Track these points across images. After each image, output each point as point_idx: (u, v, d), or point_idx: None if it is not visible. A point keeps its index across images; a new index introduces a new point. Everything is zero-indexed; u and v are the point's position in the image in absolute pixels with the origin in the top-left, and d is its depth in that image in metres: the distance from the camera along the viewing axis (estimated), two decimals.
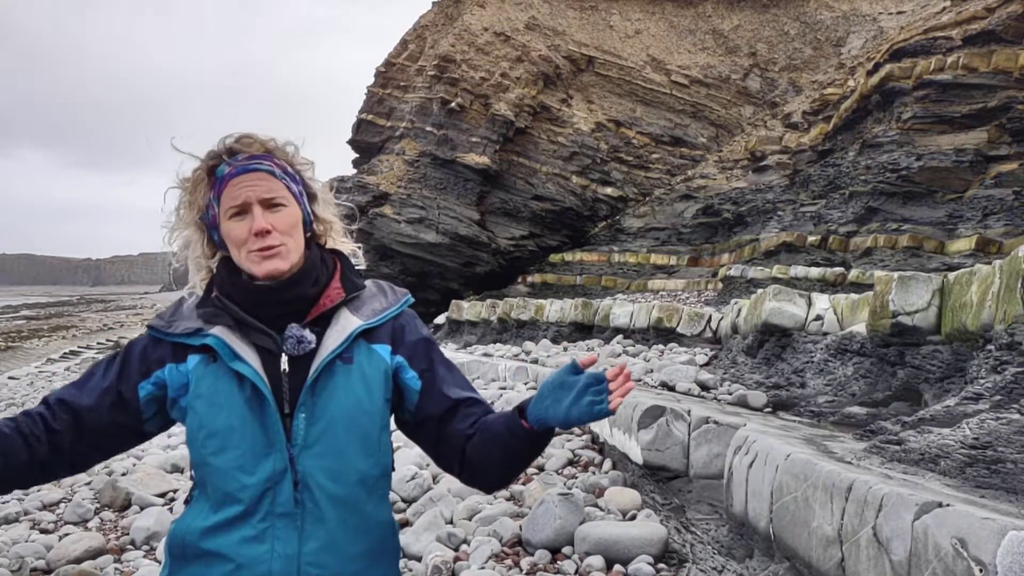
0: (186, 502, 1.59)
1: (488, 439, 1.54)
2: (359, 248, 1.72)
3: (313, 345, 1.50)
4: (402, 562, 4.32)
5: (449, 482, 5.77)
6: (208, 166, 1.54)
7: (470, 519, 5.08)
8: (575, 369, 1.48)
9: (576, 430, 7.40)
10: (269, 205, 1.51)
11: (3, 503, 6.16)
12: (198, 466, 1.51)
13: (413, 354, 1.60)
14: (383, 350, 1.57)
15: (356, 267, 1.67)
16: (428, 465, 6.34)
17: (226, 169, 1.52)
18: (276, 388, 1.48)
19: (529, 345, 15.09)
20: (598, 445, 6.86)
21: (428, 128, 31.28)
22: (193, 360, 1.51)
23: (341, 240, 1.68)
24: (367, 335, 1.56)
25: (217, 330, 1.50)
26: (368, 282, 1.65)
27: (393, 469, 1.63)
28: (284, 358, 1.49)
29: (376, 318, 1.57)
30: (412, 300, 1.68)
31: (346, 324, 1.54)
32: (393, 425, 1.64)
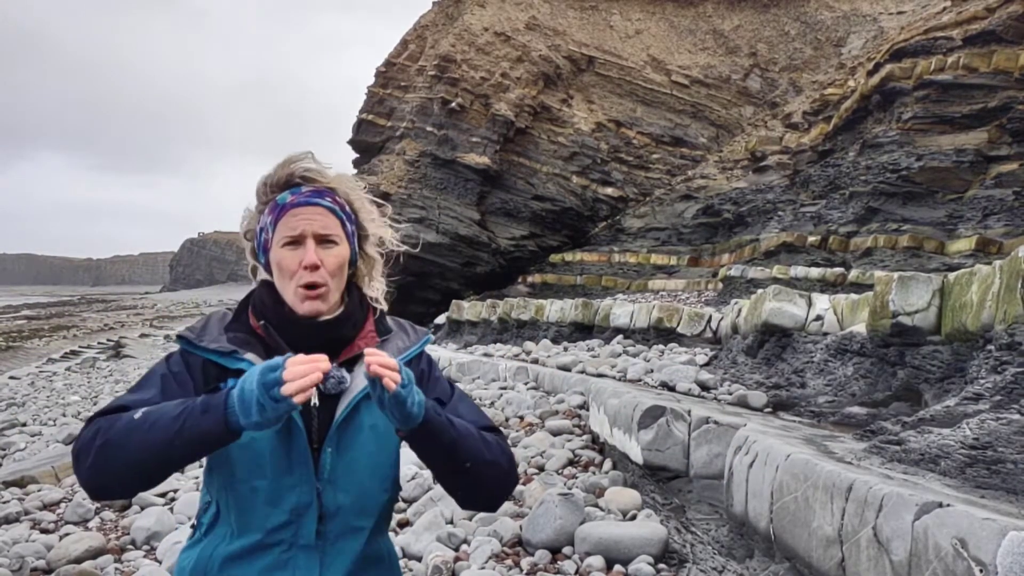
0: (193, 527, 1.60)
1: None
2: (387, 290, 1.74)
3: (348, 384, 1.53)
4: (402, 562, 4.32)
5: None
6: (271, 190, 1.57)
7: (470, 519, 5.08)
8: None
9: (576, 429, 7.40)
10: (322, 241, 1.54)
11: (3, 503, 6.16)
12: (222, 490, 1.52)
13: (442, 392, 1.65)
14: None
15: (378, 308, 1.69)
16: None
17: (288, 198, 1.55)
18: (306, 422, 1.50)
19: (529, 345, 15.09)
20: (598, 445, 6.86)
21: (428, 128, 31.29)
22: (231, 383, 1.48)
23: (378, 278, 1.70)
24: None
25: (250, 356, 1.51)
26: (389, 320, 1.69)
27: None
28: (314, 393, 1.49)
29: (399, 356, 1.60)
30: (432, 339, 1.74)
31: None
32: None
